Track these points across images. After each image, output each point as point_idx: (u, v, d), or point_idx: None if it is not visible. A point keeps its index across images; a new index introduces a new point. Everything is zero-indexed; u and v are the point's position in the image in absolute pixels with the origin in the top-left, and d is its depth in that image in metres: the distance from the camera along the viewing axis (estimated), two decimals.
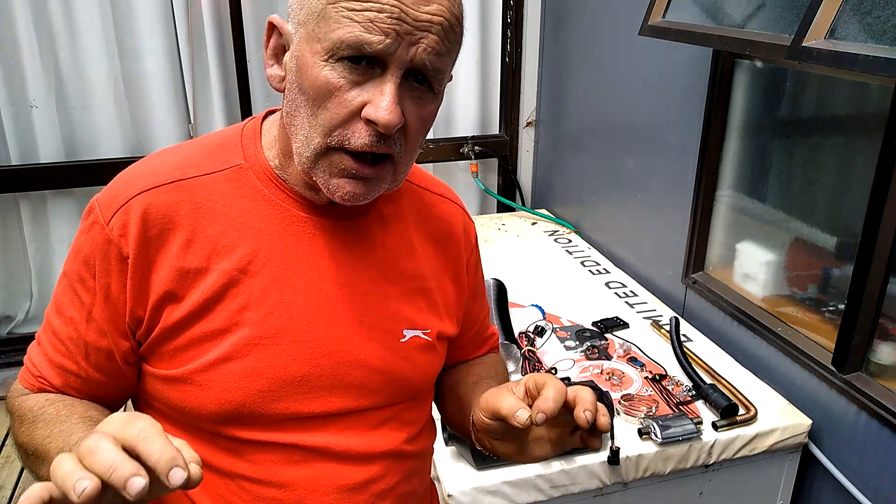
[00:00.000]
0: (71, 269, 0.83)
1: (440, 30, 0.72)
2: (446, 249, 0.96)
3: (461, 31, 0.77)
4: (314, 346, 0.83)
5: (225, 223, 0.82)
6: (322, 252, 0.85)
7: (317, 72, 0.73)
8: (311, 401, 0.84)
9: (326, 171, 0.77)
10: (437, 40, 0.72)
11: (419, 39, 0.71)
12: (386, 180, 0.79)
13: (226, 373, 0.80)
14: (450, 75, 0.79)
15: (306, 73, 0.74)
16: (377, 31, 0.69)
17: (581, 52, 2.72)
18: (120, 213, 0.79)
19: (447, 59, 0.76)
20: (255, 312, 0.81)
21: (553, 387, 0.76)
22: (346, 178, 0.76)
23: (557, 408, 0.74)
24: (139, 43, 2.67)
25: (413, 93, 0.75)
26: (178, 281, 0.80)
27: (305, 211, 0.85)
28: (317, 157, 0.76)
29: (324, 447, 0.85)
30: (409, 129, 0.76)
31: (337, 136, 0.74)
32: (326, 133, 0.74)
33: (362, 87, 0.73)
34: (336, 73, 0.72)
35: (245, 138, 0.86)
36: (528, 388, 0.80)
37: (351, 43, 0.70)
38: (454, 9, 0.74)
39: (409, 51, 0.71)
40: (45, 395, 0.85)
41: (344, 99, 0.73)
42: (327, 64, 0.72)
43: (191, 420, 0.83)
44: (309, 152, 0.76)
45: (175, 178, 0.82)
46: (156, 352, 0.82)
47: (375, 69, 0.72)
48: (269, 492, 0.85)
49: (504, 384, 0.85)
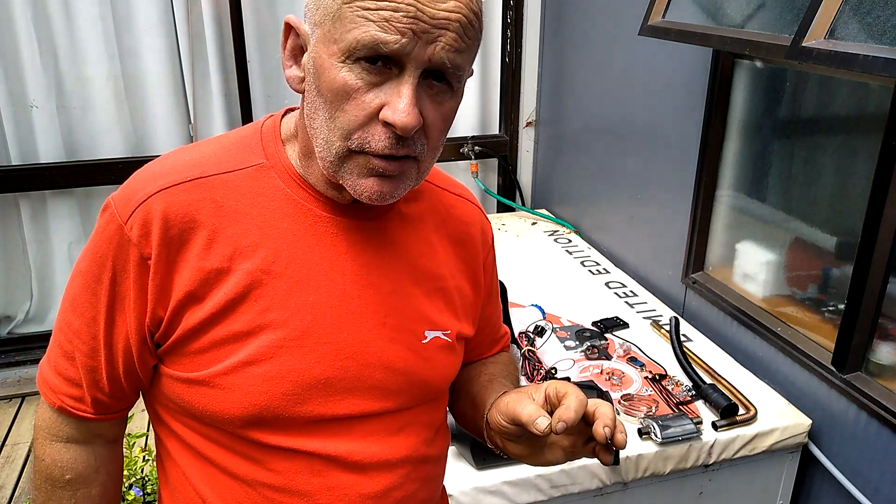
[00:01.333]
0: (87, 267, 0.81)
1: (458, 27, 0.70)
2: (465, 250, 0.96)
3: (481, 26, 0.75)
4: (338, 348, 0.82)
5: (247, 223, 0.81)
6: (345, 253, 0.84)
7: (334, 74, 0.72)
8: (335, 403, 0.83)
9: (354, 172, 0.76)
10: (456, 38, 0.71)
11: (437, 38, 0.70)
12: (411, 177, 0.78)
13: (249, 376, 0.79)
14: (470, 70, 0.77)
15: (323, 75, 0.73)
16: (393, 31, 0.68)
17: (581, 53, 2.72)
18: (138, 212, 0.77)
19: (467, 55, 0.73)
20: (279, 314, 0.80)
21: (575, 397, 0.76)
22: (373, 178, 0.75)
23: (578, 418, 0.75)
24: (139, 43, 2.67)
25: (431, 90, 0.74)
26: (200, 282, 0.78)
27: (328, 211, 0.84)
28: (340, 160, 0.75)
29: (345, 455, 0.85)
30: (430, 129, 0.75)
31: (357, 139, 0.73)
32: (346, 136, 0.74)
33: (380, 88, 0.72)
34: (353, 74, 0.71)
35: (265, 137, 0.85)
36: (548, 396, 0.80)
37: (366, 43, 0.69)
38: (472, 4, 0.72)
39: (426, 50, 0.70)
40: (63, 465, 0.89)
41: (362, 101, 0.72)
42: (344, 65, 0.71)
43: (212, 423, 0.82)
44: (332, 156, 0.75)
45: (195, 175, 0.80)
46: (176, 353, 0.81)
47: (393, 69, 0.71)
48: (291, 500, 0.84)
49: (524, 388, 0.85)
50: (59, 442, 0.89)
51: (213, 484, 0.85)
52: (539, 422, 0.75)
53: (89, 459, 0.90)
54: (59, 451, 0.89)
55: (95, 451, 0.91)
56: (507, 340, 1.14)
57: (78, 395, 0.86)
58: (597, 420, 0.76)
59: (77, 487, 0.90)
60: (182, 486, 0.88)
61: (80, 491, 0.90)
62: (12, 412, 2.77)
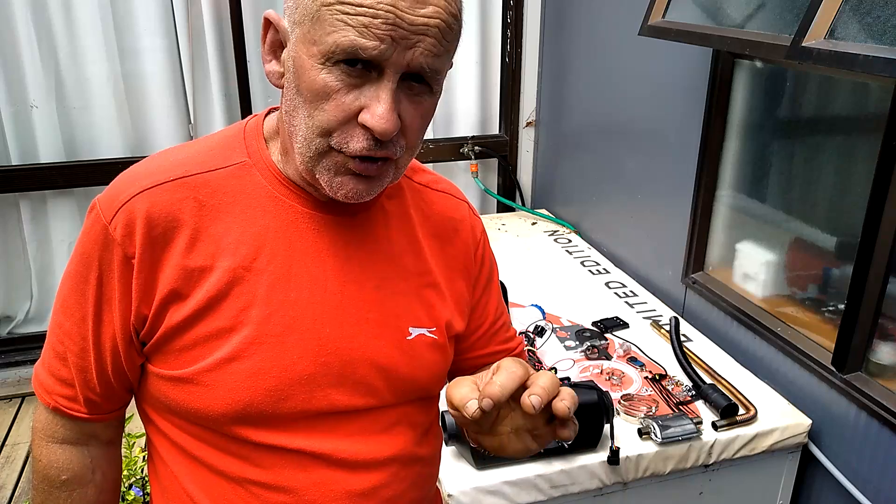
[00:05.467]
0: (75, 269, 0.82)
1: (437, 31, 0.71)
2: (452, 244, 0.96)
3: (459, 28, 0.75)
4: (320, 344, 0.83)
5: (229, 220, 0.81)
6: (327, 249, 0.84)
7: (314, 75, 0.72)
8: (319, 399, 0.83)
9: (331, 170, 0.76)
10: (434, 42, 0.71)
11: (415, 44, 0.70)
12: (388, 176, 0.79)
13: (232, 372, 0.80)
14: (450, 64, 0.77)
15: (303, 75, 0.73)
16: (371, 37, 0.68)
17: (581, 52, 2.72)
18: (122, 212, 0.78)
19: (445, 58, 0.75)
20: (261, 311, 0.81)
21: (506, 370, 0.71)
22: (348, 176, 0.76)
23: (505, 393, 0.69)
24: (139, 43, 2.67)
25: (411, 92, 0.74)
26: (183, 280, 0.79)
27: (310, 207, 0.84)
28: (318, 156, 0.76)
29: (332, 453, 0.85)
30: (408, 130, 0.76)
31: (335, 138, 0.74)
32: (324, 135, 0.74)
33: (360, 90, 0.72)
34: (333, 76, 0.72)
35: (248, 135, 0.86)
36: (493, 373, 0.73)
37: (345, 47, 0.69)
38: (451, 7, 0.72)
39: (405, 55, 0.70)
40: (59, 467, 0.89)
41: (341, 102, 0.72)
42: (324, 67, 0.72)
43: (197, 421, 0.83)
44: (310, 152, 0.76)
45: (178, 175, 0.81)
46: (160, 351, 0.82)
47: (372, 73, 0.72)
48: (278, 497, 0.84)
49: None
50: (54, 443, 0.89)
51: (201, 482, 0.85)
52: (469, 405, 0.70)
53: (84, 460, 0.91)
54: (54, 451, 0.89)
55: (91, 453, 0.91)
56: (516, 345, 1.09)
57: (71, 394, 0.86)
58: (527, 389, 0.71)
59: (73, 488, 0.91)
60: (171, 484, 0.88)
61: (76, 491, 0.91)
62: (12, 412, 2.77)
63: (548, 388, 0.71)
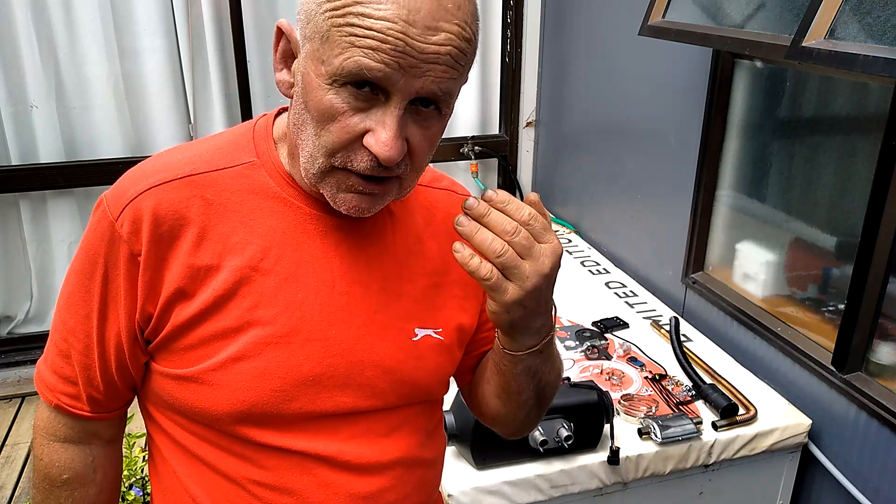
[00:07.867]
0: (80, 265, 0.82)
1: (449, 59, 0.69)
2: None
3: (474, 48, 0.73)
4: (327, 346, 0.83)
5: (237, 220, 0.81)
6: (333, 250, 0.84)
7: (321, 95, 0.72)
8: (324, 400, 0.83)
9: (333, 186, 0.76)
10: (446, 69, 0.69)
11: (425, 72, 0.68)
12: (391, 193, 0.79)
13: (238, 372, 0.80)
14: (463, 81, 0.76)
15: (311, 93, 0.73)
16: (378, 60, 0.67)
17: (581, 53, 2.72)
18: (128, 209, 0.78)
19: (458, 81, 0.72)
20: (267, 311, 0.80)
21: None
22: (351, 193, 0.76)
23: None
24: (139, 43, 2.67)
25: (419, 116, 0.73)
26: (190, 278, 0.79)
27: (317, 209, 0.84)
28: (322, 174, 0.76)
29: (335, 455, 0.85)
30: (415, 152, 0.75)
31: (340, 157, 0.74)
32: (329, 154, 0.74)
33: (366, 113, 0.71)
34: (340, 98, 0.71)
35: (258, 136, 0.86)
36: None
37: (352, 70, 0.68)
38: (465, 31, 0.70)
39: (414, 83, 0.69)
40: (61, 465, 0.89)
41: (347, 124, 0.72)
42: (331, 88, 0.71)
43: (201, 420, 0.82)
44: (315, 170, 0.76)
45: (185, 173, 0.81)
46: (165, 350, 0.82)
47: (379, 96, 0.71)
48: (281, 499, 0.84)
49: None
50: (56, 442, 0.89)
51: (203, 482, 0.85)
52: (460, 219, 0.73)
53: (86, 460, 0.90)
54: (56, 451, 0.89)
55: (92, 452, 0.91)
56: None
57: (74, 392, 0.86)
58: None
59: (74, 487, 0.90)
60: (173, 484, 0.88)
61: (77, 491, 0.91)
62: (12, 412, 2.77)
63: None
